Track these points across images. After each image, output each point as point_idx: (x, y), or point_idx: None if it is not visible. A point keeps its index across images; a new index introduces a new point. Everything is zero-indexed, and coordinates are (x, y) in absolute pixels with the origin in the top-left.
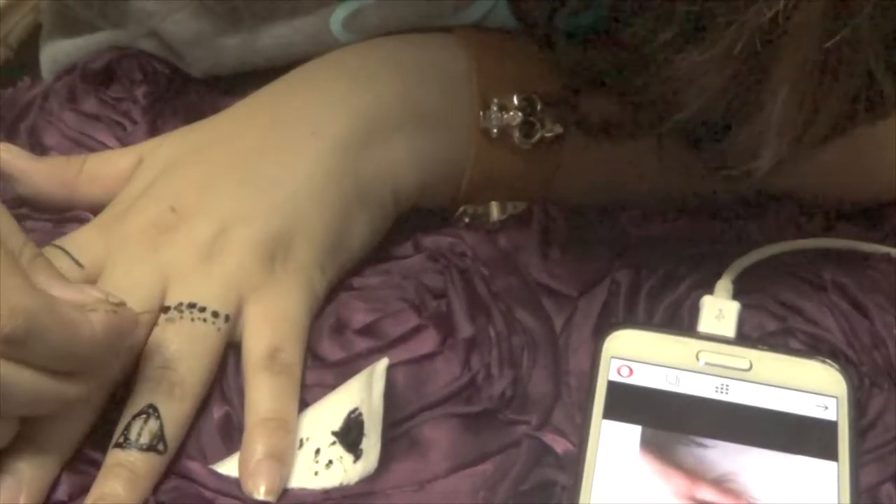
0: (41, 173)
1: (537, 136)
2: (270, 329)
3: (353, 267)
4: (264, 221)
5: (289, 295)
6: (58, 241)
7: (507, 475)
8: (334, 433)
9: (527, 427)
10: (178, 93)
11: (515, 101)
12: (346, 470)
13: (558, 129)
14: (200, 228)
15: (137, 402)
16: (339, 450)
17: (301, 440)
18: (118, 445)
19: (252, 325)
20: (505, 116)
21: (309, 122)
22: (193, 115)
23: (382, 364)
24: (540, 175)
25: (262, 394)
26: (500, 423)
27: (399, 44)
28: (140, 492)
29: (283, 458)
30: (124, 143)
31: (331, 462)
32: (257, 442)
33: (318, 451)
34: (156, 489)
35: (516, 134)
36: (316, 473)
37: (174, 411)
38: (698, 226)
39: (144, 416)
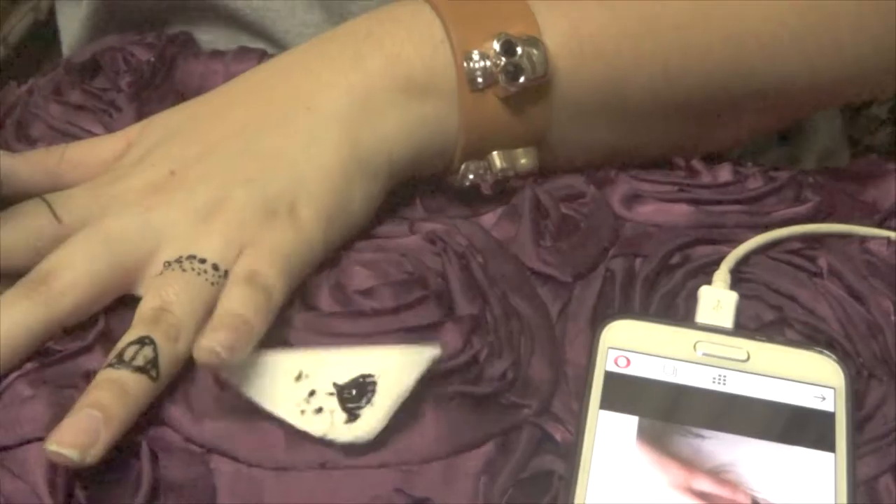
0: (22, 168)
1: (522, 79)
2: (255, 257)
3: (351, 235)
4: (266, 183)
5: (284, 240)
6: (46, 195)
7: (507, 462)
8: (336, 385)
9: (528, 411)
10: (164, 81)
11: (496, 46)
12: (333, 424)
13: (541, 70)
14: (200, 192)
15: (134, 333)
16: (334, 402)
17: (300, 373)
18: (110, 366)
19: (241, 258)
20: (487, 64)
21: (303, 99)
22: (179, 102)
23: (432, 352)
24: (534, 121)
25: (234, 299)
26: (501, 406)
27: (374, 23)
28: (128, 409)
29: (243, 334)
30: (111, 129)
31: (321, 409)
32: (218, 320)
33: (312, 393)
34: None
35: (502, 79)
36: (302, 412)
37: (168, 349)
38: (692, 212)
39: (140, 343)
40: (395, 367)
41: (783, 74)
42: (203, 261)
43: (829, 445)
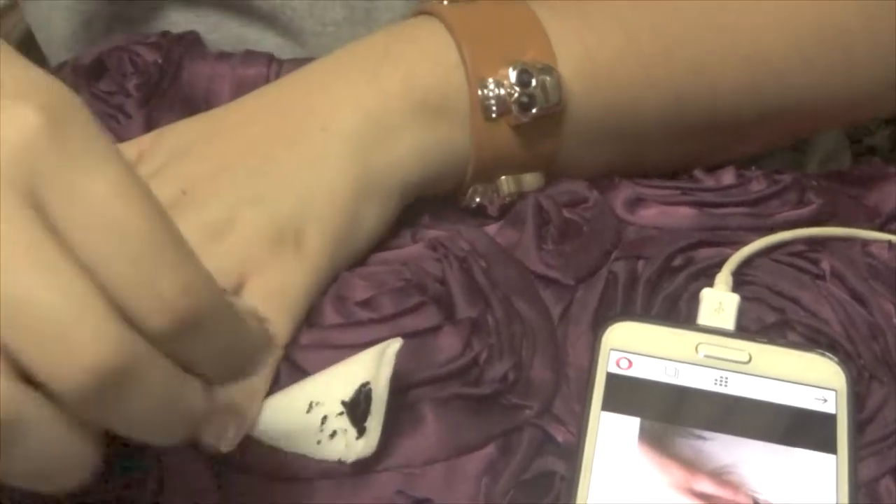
0: None
1: (535, 109)
2: (264, 301)
3: (358, 258)
4: (275, 206)
5: (291, 275)
6: None
7: (508, 463)
8: (344, 403)
9: (529, 412)
10: (171, 85)
11: (511, 76)
12: (348, 444)
13: (555, 98)
14: (211, 211)
15: None
16: (345, 421)
17: (311, 403)
18: None
19: (247, 297)
20: (502, 93)
21: (318, 119)
22: (188, 109)
23: (394, 346)
24: (544, 148)
25: None
26: (502, 407)
27: (390, 40)
28: None
29: (241, 415)
30: (119, 135)
31: (335, 433)
32: (220, 396)
33: (325, 419)
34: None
35: (515, 109)
36: (319, 443)
37: None
38: (694, 215)
39: None
40: (375, 368)
41: (795, 98)
42: None
43: (830, 447)
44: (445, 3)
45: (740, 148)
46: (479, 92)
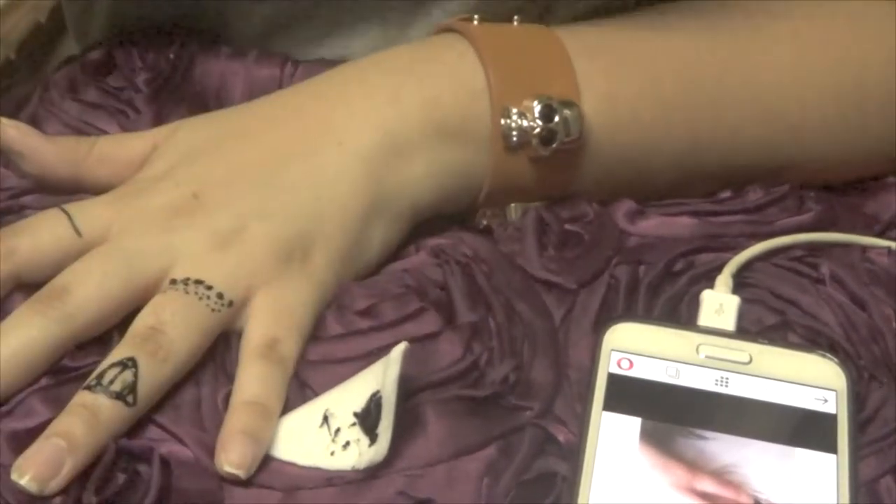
0: (50, 151)
1: (556, 143)
2: (274, 320)
3: (365, 275)
4: (285, 220)
5: (299, 293)
6: (66, 205)
7: (510, 464)
8: (356, 414)
9: (530, 413)
10: (183, 81)
11: (535, 109)
12: (360, 453)
13: (575, 133)
14: (220, 219)
15: (119, 353)
16: (357, 431)
17: (325, 416)
18: (88, 388)
19: (256, 314)
20: (524, 124)
21: (335, 133)
22: (199, 106)
23: (399, 349)
24: (559, 182)
25: (252, 379)
26: (503, 409)
27: (416, 56)
28: (98, 437)
29: (258, 438)
30: (127, 130)
31: (348, 444)
32: (236, 420)
33: (338, 431)
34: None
35: (535, 142)
36: (332, 454)
37: (153, 370)
38: (695, 224)
39: (121, 365)
40: (383, 374)
41: (809, 152)
42: (209, 287)
43: (831, 447)
44: (475, 22)
45: None
46: (502, 121)
